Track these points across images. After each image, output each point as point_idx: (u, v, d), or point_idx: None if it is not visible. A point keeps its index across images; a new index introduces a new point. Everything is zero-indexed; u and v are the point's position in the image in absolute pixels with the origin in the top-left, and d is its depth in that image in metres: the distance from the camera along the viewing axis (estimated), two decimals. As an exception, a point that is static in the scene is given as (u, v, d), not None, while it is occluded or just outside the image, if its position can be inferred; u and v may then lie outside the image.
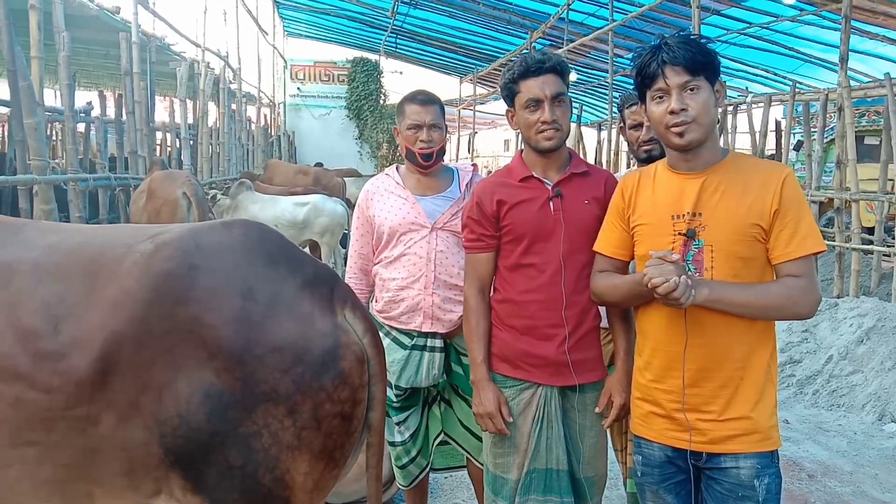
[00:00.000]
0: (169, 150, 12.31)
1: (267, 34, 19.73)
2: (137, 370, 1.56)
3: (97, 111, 11.65)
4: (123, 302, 1.58)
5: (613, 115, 11.42)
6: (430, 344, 2.57)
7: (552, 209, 2.19)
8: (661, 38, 1.86)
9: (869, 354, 5.30)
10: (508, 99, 2.27)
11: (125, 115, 8.95)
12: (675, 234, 1.87)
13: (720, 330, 1.82)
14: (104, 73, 15.57)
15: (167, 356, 1.56)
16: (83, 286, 1.62)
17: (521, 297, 2.23)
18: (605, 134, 14.36)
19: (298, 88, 23.36)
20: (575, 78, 15.90)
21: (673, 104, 1.80)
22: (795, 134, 10.91)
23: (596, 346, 2.26)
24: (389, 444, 2.67)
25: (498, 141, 32.95)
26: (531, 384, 2.21)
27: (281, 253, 1.74)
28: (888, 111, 7.15)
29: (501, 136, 32.07)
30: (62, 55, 6.68)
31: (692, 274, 1.81)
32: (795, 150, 10.94)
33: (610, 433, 2.51)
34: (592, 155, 16.30)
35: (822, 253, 1.86)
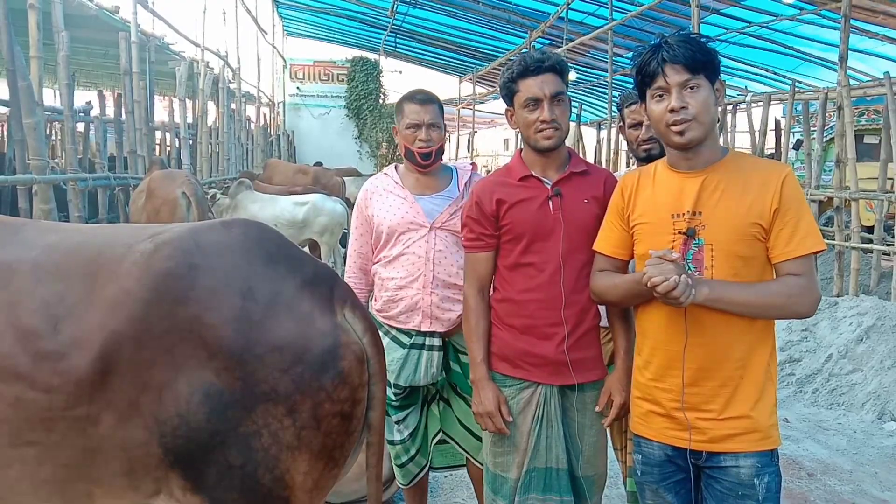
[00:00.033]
0: (168, 149, 12.30)
1: (266, 33, 19.73)
2: (137, 370, 1.56)
3: (96, 111, 11.65)
4: (123, 301, 1.58)
5: (613, 114, 11.40)
6: (428, 343, 2.57)
7: (551, 208, 2.19)
8: (661, 36, 1.86)
9: (868, 353, 5.30)
10: (507, 98, 2.27)
11: (124, 114, 8.94)
12: (674, 232, 1.86)
13: (720, 329, 1.82)
14: (103, 72, 15.57)
15: (167, 356, 1.56)
16: (83, 286, 1.62)
17: (520, 296, 2.23)
18: (604, 133, 14.35)
19: (298, 88, 23.35)
20: (574, 77, 15.90)
21: (673, 102, 1.80)
22: (795, 133, 10.90)
23: (595, 345, 2.26)
24: (389, 442, 2.67)
25: (497, 140, 32.97)
26: (531, 383, 2.21)
27: (280, 252, 1.74)
28: (887, 110, 7.15)
29: (501, 135, 32.10)
30: (61, 55, 6.67)
31: (692, 273, 1.80)
32: (795, 149, 10.94)
33: (609, 432, 2.51)
34: (592, 154, 16.30)
35: (821, 252, 1.86)
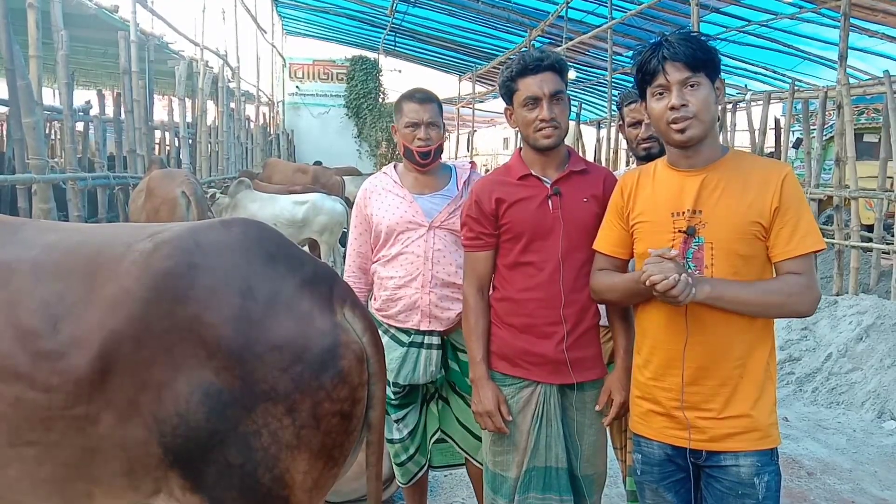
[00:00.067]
0: (168, 148, 12.28)
1: (265, 33, 19.72)
2: (137, 369, 1.56)
3: (96, 110, 11.62)
4: (122, 301, 1.58)
5: (612, 112, 11.41)
6: (427, 341, 2.57)
7: (551, 207, 2.19)
8: (661, 35, 1.85)
9: (868, 352, 5.31)
10: (507, 97, 2.27)
11: (124, 113, 8.93)
12: (674, 231, 1.86)
13: (720, 328, 1.82)
14: (103, 71, 15.58)
15: (166, 355, 1.56)
16: (82, 285, 1.62)
17: (519, 295, 2.23)
18: (604, 132, 14.34)
19: (297, 87, 23.33)
20: (574, 76, 15.89)
21: (673, 100, 1.79)
22: (794, 132, 10.89)
23: (595, 344, 2.26)
24: (388, 441, 2.67)
25: (497, 139, 32.94)
26: (530, 382, 2.21)
27: (280, 251, 1.74)
28: (887, 109, 7.14)
29: (500, 134, 32.06)
30: (60, 54, 6.66)
31: (692, 271, 1.80)
32: (794, 147, 10.94)
33: (609, 431, 2.51)
34: (591, 153, 16.29)
35: (821, 251, 1.86)
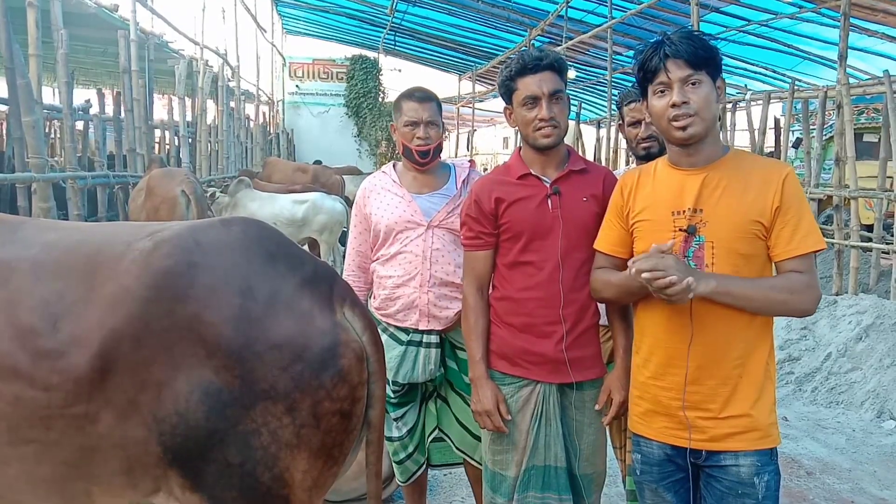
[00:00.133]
0: (167, 147, 12.28)
1: (265, 32, 19.71)
2: (136, 368, 1.55)
3: (95, 109, 11.63)
4: (122, 300, 1.58)
5: (612, 112, 11.41)
6: (426, 340, 2.57)
7: (550, 207, 2.19)
8: (662, 34, 1.85)
9: (868, 352, 5.31)
10: (506, 96, 2.27)
11: (123, 112, 8.93)
12: (675, 230, 1.86)
13: (720, 327, 1.82)
14: (102, 70, 15.57)
15: (166, 354, 1.56)
16: (82, 284, 1.61)
17: (519, 294, 2.23)
18: (603, 131, 14.33)
19: (297, 86, 23.32)
20: (574, 75, 15.88)
21: (675, 97, 1.79)
22: (794, 131, 10.89)
23: (594, 343, 2.26)
24: (387, 439, 2.67)
25: (497, 138, 32.95)
26: (529, 381, 2.21)
27: (280, 250, 1.74)
28: (887, 108, 7.14)
29: (500, 133, 32.07)
30: (60, 53, 6.66)
31: (694, 269, 1.80)
32: (794, 147, 10.94)
33: (609, 430, 2.51)
34: (591, 152, 16.28)
35: (822, 251, 1.86)
